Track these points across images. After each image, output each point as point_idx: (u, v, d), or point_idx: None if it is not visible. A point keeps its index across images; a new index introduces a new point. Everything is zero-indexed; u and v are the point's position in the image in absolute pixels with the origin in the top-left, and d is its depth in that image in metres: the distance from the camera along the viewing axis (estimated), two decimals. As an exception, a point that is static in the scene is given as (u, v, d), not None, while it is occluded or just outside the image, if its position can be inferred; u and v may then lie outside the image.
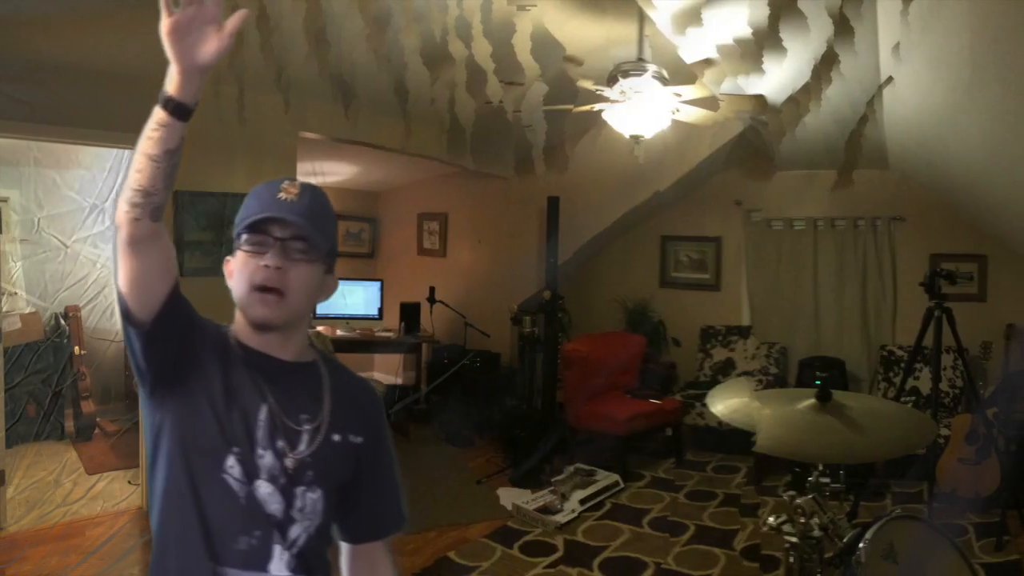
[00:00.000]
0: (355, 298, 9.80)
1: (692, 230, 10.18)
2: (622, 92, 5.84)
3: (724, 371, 9.39)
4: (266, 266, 1.85)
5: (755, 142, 8.45)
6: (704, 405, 4.41)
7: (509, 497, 7.01)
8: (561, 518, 6.51)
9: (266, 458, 1.87)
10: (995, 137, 5.71)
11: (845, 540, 3.14)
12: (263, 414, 1.89)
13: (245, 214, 1.89)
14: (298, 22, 5.18)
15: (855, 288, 9.03)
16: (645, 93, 5.81)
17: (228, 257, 1.94)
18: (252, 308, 1.88)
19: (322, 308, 9.50)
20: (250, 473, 1.84)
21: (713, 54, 5.80)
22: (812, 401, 3.18)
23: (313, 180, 8.86)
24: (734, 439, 7.69)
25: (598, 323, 10.32)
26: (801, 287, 9.33)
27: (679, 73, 6.05)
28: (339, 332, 9.43)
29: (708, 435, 8.48)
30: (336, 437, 1.98)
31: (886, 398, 7.55)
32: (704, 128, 6.91)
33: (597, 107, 6.10)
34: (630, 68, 5.79)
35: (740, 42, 5.53)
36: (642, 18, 5.81)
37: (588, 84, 5.76)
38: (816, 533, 3.12)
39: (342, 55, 5.64)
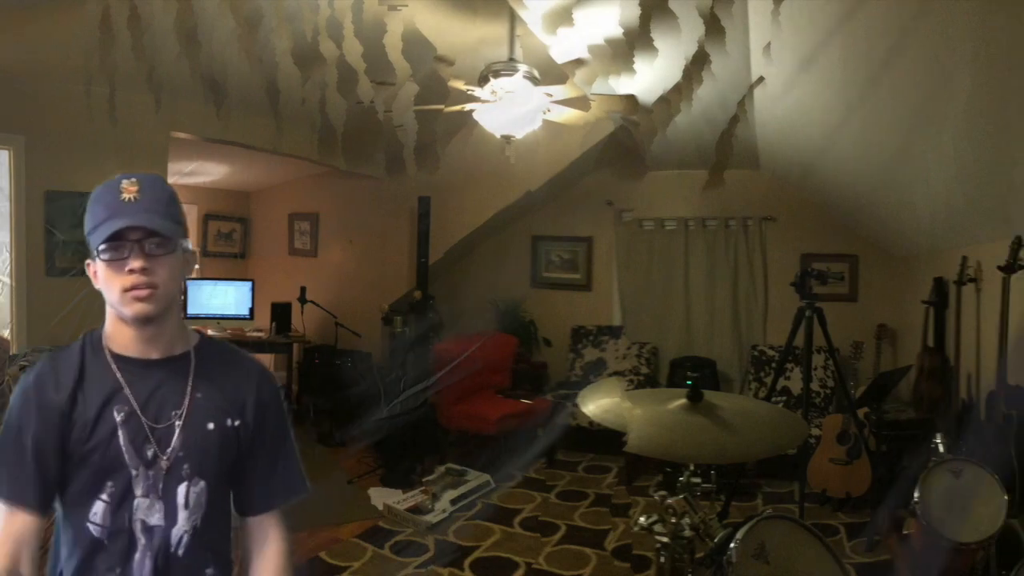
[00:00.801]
0: (226, 298, 9.68)
1: (563, 230, 10.18)
2: (493, 92, 5.82)
3: (595, 371, 9.36)
4: (131, 271, 1.88)
5: (626, 142, 8.43)
6: (575, 405, 4.26)
7: (380, 497, 6.94)
8: (432, 518, 6.47)
9: (139, 475, 1.91)
10: (866, 137, 5.81)
11: (716, 540, 3.14)
12: (122, 426, 1.92)
13: (94, 222, 1.90)
14: (169, 22, 5.09)
15: (726, 288, 9.10)
16: (516, 93, 5.80)
17: (88, 261, 1.96)
18: (129, 307, 1.90)
19: (193, 308, 9.43)
20: (124, 500, 1.91)
21: (584, 54, 5.79)
22: (683, 401, 3.16)
23: (185, 180, 8.61)
24: (605, 439, 7.37)
25: (469, 323, 10.13)
26: (672, 287, 9.38)
27: (550, 73, 6.03)
28: (210, 332, 9.16)
29: (579, 435, 8.40)
30: (210, 425, 2.01)
31: (757, 398, 7.62)
32: (575, 128, 6.88)
33: (468, 107, 6.08)
34: (501, 68, 5.78)
35: (611, 42, 5.52)
36: (513, 18, 5.79)
37: (459, 84, 5.74)
38: (687, 533, 3.12)
39: (214, 55, 5.55)
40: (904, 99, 4.88)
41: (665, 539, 3.12)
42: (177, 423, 1.97)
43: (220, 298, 9.65)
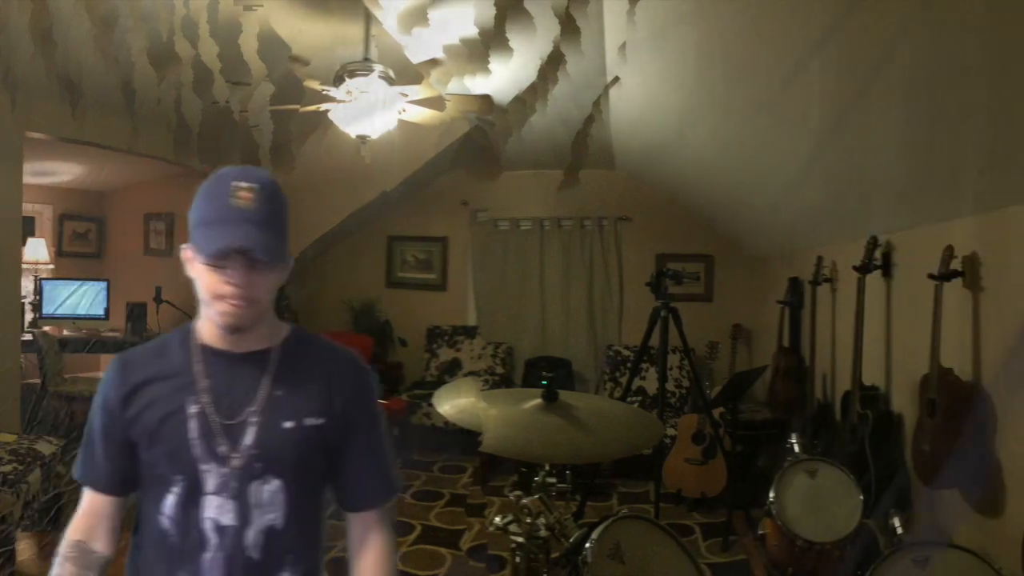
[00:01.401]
0: (81, 298, 9.55)
1: (419, 230, 10.12)
2: (348, 92, 5.75)
3: (450, 371, 9.34)
4: (229, 283, 1.84)
5: (481, 142, 8.34)
6: (430, 405, 4.33)
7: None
8: None
9: (210, 470, 1.88)
10: (722, 137, 5.82)
11: (571, 540, 3.12)
12: (193, 419, 1.89)
13: (200, 216, 1.85)
14: (24, 22, 4.99)
15: (581, 288, 9.11)
16: (371, 93, 5.74)
17: (185, 246, 1.89)
18: (220, 315, 1.87)
19: (48, 307, 9.35)
20: (194, 496, 1.88)
21: (439, 54, 5.71)
22: (538, 401, 3.12)
23: (40, 180, 8.31)
24: (461, 439, 7.43)
25: (325, 323, 10.12)
26: (527, 287, 9.37)
27: (406, 73, 5.96)
28: (65, 332, 9.13)
29: (435, 435, 8.36)
30: (287, 424, 1.94)
31: (613, 398, 7.58)
32: (431, 128, 6.80)
33: (323, 107, 5.99)
34: (356, 68, 5.71)
35: (466, 42, 5.51)
36: (368, 18, 5.73)
37: (314, 84, 5.65)
38: (542, 533, 3.10)
39: (69, 55, 5.46)
40: (760, 99, 4.87)
41: (520, 539, 3.11)
42: (251, 420, 1.92)
43: (75, 298, 9.52)
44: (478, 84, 6.14)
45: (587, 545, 3.04)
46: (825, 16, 3.62)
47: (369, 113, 5.81)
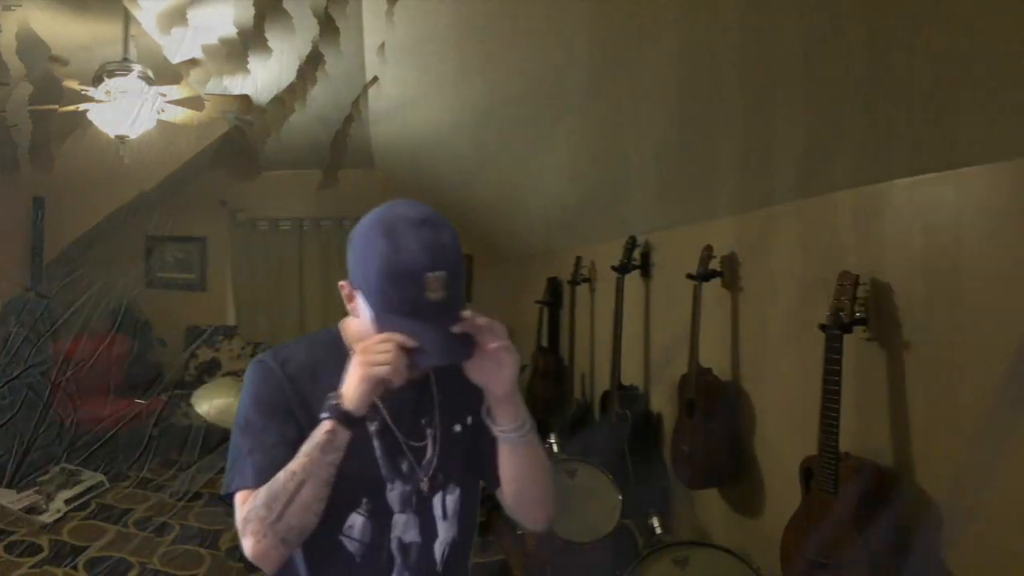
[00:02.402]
0: None
1: (178, 230, 9.78)
2: (107, 92, 5.50)
3: (210, 371, 9.12)
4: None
5: (240, 142, 8.16)
6: (190, 405, 4.33)
7: (-8, 497, 6.57)
8: (47, 518, 6.23)
9: (395, 489, 1.76)
10: (481, 137, 5.81)
11: None
12: (376, 437, 1.76)
13: (382, 288, 1.59)
14: None
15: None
16: (130, 93, 5.52)
17: (346, 283, 1.72)
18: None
19: None
20: (382, 517, 1.76)
21: (198, 54, 5.64)
22: None
23: None
24: (220, 439, 7.27)
25: (83, 323, 9.50)
26: (287, 287, 9.27)
27: (165, 73, 5.77)
28: None
29: (194, 435, 8.04)
30: (456, 428, 1.85)
31: None
32: (190, 128, 6.57)
33: (83, 107, 5.72)
34: (115, 68, 5.47)
35: (225, 42, 5.40)
36: (128, 18, 5.50)
37: (73, 84, 5.37)
38: None
39: None
40: (519, 99, 4.85)
41: None
42: (428, 431, 1.81)
43: None
44: (237, 84, 6.01)
45: None
46: (581, 16, 3.57)
47: (128, 113, 5.58)
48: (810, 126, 2.92)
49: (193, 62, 5.68)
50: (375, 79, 5.76)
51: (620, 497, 4.04)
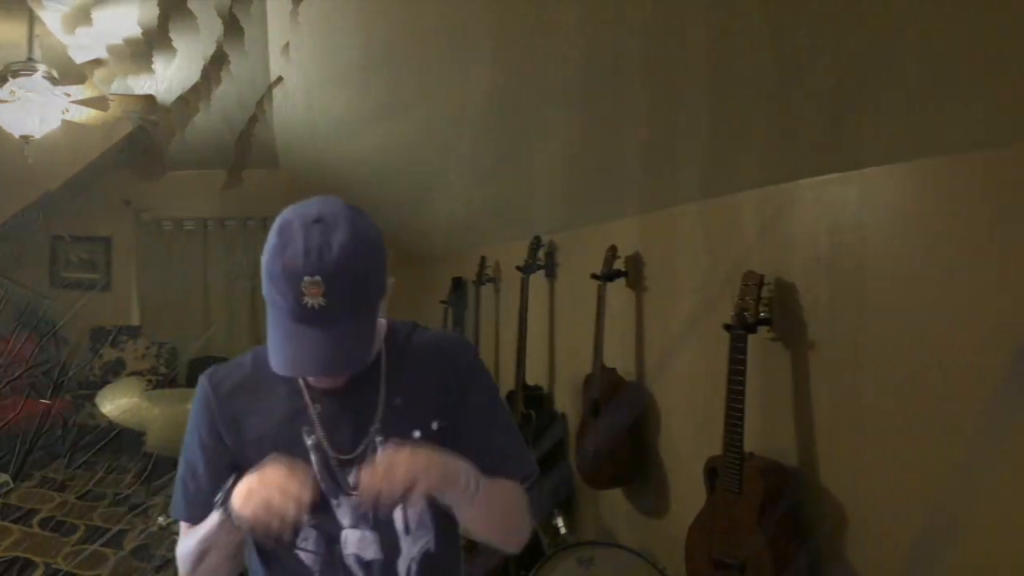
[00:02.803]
0: None
1: (83, 230, 9.66)
2: (12, 92, 5.39)
3: (114, 371, 8.87)
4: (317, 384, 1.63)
5: (145, 142, 8.12)
6: (95, 405, 4.28)
7: None
8: None
9: (341, 504, 1.61)
10: (387, 136, 5.74)
11: None
12: (313, 451, 1.60)
13: (271, 294, 1.49)
14: None
15: (245, 288, 8.95)
16: (35, 93, 5.43)
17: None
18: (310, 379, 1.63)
19: None
20: (331, 532, 1.62)
21: (103, 54, 5.55)
22: None
23: None
24: (125, 439, 7.19)
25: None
26: (191, 287, 9.17)
27: (70, 73, 5.66)
28: None
29: (99, 435, 7.85)
30: (416, 434, 1.63)
31: None
32: (94, 128, 6.45)
33: None
34: (19, 68, 5.36)
35: (130, 42, 5.33)
36: (32, 18, 5.42)
37: None
38: None
39: None
40: (423, 98, 4.82)
41: None
42: (377, 440, 1.60)
43: None
44: (142, 84, 5.96)
45: None
46: (487, 16, 3.51)
47: (33, 113, 5.50)
48: (715, 126, 2.89)
49: (98, 62, 5.61)
50: (280, 79, 5.71)
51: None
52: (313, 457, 1.60)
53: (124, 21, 5.01)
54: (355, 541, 1.62)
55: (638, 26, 2.79)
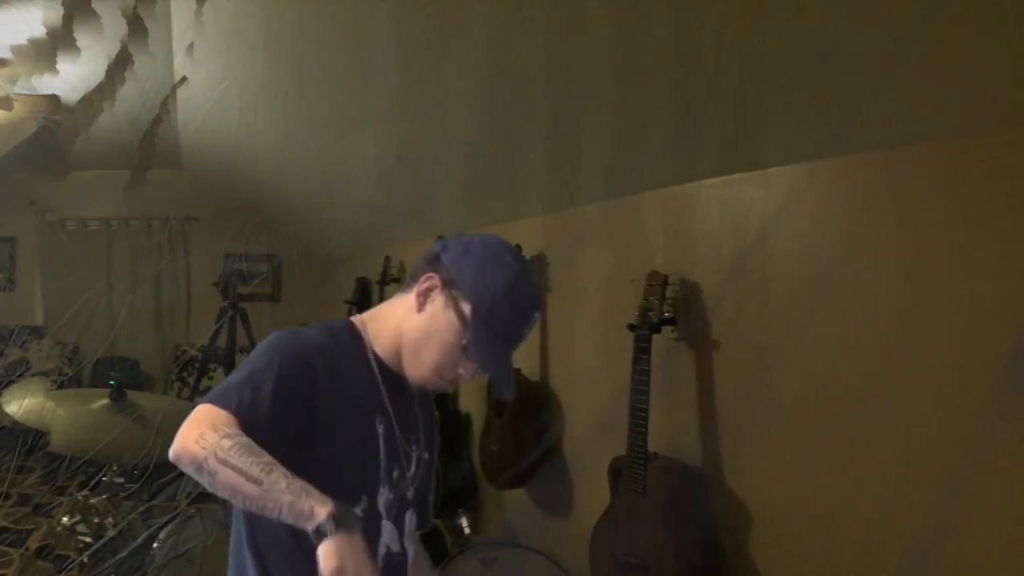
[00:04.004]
0: None
1: None
2: None
3: (18, 371, 8.33)
4: (465, 376, 1.61)
5: (49, 142, 7.79)
6: None
7: None
8: None
9: (383, 494, 1.60)
10: (289, 136, 5.74)
11: (139, 539, 3.09)
12: (383, 439, 1.61)
13: (499, 323, 1.54)
14: None
15: (149, 288, 8.81)
16: None
17: (439, 285, 1.59)
18: (432, 383, 1.64)
19: None
20: (374, 522, 1.57)
21: (7, 54, 5.37)
22: (106, 401, 3.08)
23: None
24: (29, 439, 6.64)
25: None
26: (95, 287, 8.74)
27: None
28: None
29: (3, 435, 7.46)
30: (426, 455, 1.74)
31: (181, 398, 7.38)
32: None
33: None
34: None
35: (34, 42, 5.14)
36: None
37: None
38: (111, 533, 3.05)
39: None
40: (327, 97, 4.82)
41: (88, 539, 3.05)
42: (414, 448, 1.68)
43: None
44: (46, 84, 5.83)
45: (155, 545, 3.00)
46: (388, 13, 3.46)
47: None
48: (619, 126, 2.86)
49: (2, 62, 5.45)
50: (184, 79, 5.59)
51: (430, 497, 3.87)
52: (381, 443, 1.60)
53: (28, 20, 4.87)
54: (388, 532, 1.62)
55: (542, 24, 2.74)
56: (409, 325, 1.62)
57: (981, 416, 1.80)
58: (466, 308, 1.53)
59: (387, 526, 1.61)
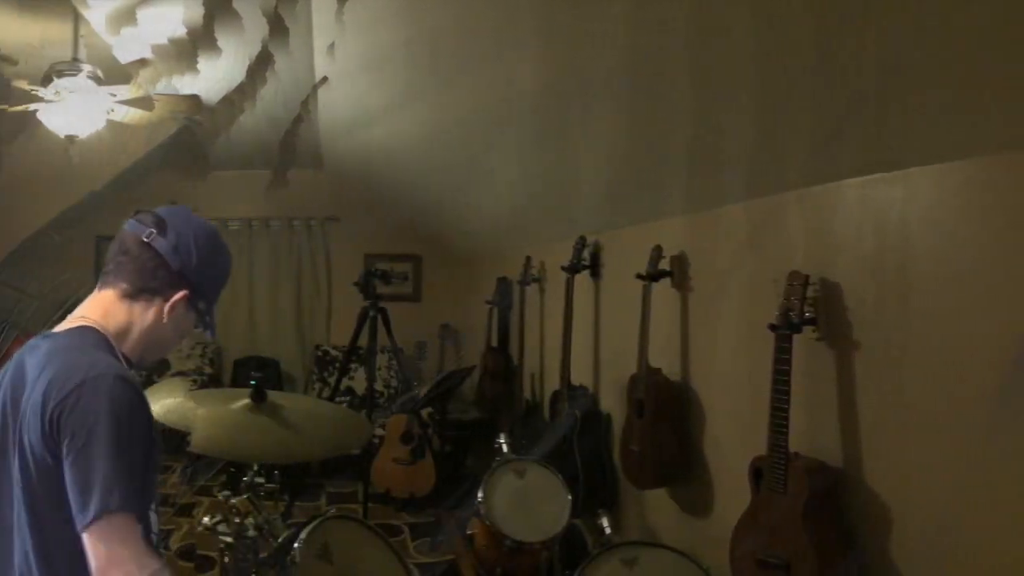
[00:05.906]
0: None
1: None
2: (57, 92, 5.42)
3: (159, 371, 8.82)
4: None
5: (190, 142, 8.09)
6: None
7: None
8: None
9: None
10: (430, 138, 5.77)
11: (280, 540, 3.04)
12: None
13: (221, 274, 2.03)
14: None
15: (290, 288, 8.99)
16: (80, 93, 5.44)
17: (180, 295, 1.92)
18: (164, 352, 2.02)
19: None
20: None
21: (148, 54, 5.55)
22: (247, 401, 3.11)
23: None
24: (169, 439, 7.00)
25: (28, 324, 9.29)
26: (236, 287, 9.10)
27: (115, 73, 5.68)
28: None
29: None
30: None
31: (321, 398, 7.50)
32: (139, 128, 6.51)
33: (32, 107, 5.63)
34: (65, 68, 5.38)
35: (175, 42, 5.33)
36: (77, 18, 5.42)
37: (22, 84, 5.27)
38: (251, 533, 3.02)
39: None
40: (468, 99, 4.83)
41: (229, 539, 3.02)
42: None
43: None
44: (186, 84, 5.94)
45: (295, 545, 2.95)
46: (534, 16, 3.53)
47: (77, 113, 5.52)
48: (760, 126, 2.91)
49: (143, 62, 5.60)
50: (324, 79, 5.70)
51: (569, 497, 3.94)
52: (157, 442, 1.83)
53: (169, 20, 5.03)
54: (155, 521, 1.75)
55: (681, 26, 2.81)
56: (159, 334, 1.95)
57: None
58: (202, 304, 1.99)
59: (153, 516, 1.76)
